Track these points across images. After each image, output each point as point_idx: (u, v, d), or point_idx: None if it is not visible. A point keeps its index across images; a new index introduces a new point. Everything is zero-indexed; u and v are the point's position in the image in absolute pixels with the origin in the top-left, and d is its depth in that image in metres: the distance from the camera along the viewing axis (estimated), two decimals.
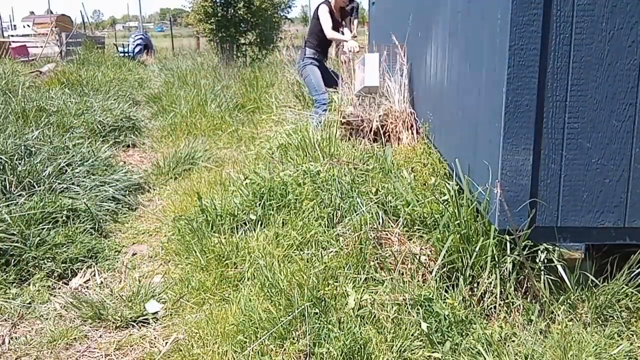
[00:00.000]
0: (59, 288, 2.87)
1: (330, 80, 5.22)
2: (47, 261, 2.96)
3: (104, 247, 3.28)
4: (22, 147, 4.11)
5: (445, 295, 2.25)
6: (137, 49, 16.25)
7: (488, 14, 2.29)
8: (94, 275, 3.00)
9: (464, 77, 2.73)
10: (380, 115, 4.12)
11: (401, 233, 2.63)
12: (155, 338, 2.40)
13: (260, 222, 3.08)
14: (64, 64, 10.40)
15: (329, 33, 5.12)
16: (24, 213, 3.21)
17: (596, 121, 2.12)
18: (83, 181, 3.91)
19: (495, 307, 2.22)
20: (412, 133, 3.93)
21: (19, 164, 3.81)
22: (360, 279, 2.38)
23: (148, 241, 3.49)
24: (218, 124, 6.35)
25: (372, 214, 2.73)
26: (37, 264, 2.94)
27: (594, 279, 2.22)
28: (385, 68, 4.40)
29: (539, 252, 2.29)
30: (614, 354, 1.96)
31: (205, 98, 7.24)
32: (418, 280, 2.36)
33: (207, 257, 2.87)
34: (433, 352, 2.03)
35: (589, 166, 2.16)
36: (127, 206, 3.98)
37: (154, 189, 4.48)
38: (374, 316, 2.17)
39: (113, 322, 2.51)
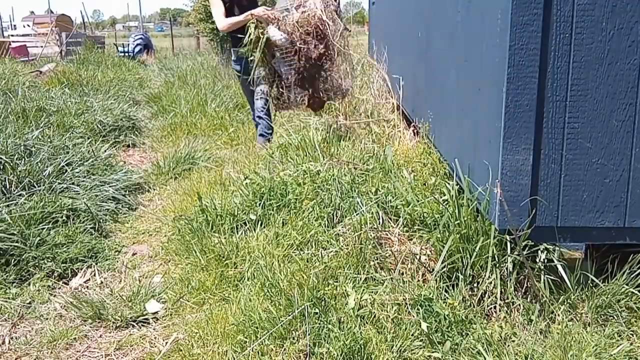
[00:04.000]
0: (59, 288, 2.87)
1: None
2: (47, 261, 2.96)
3: (104, 247, 3.28)
4: (22, 147, 4.11)
5: (445, 295, 2.25)
6: (137, 49, 16.27)
7: (488, 14, 2.29)
8: (94, 275, 3.00)
9: (464, 76, 2.73)
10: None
11: (401, 233, 2.63)
12: (155, 338, 2.40)
13: (260, 222, 3.08)
14: (64, 64, 10.40)
15: (221, 23, 4.04)
16: (24, 213, 3.21)
17: (596, 121, 2.12)
18: (83, 181, 3.91)
19: (495, 307, 2.22)
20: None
21: (19, 164, 3.81)
22: (360, 279, 2.37)
23: (148, 241, 3.48)
24: (218, 124, 6.35)
25: (372, 214, 2.73)
26: (37, 264, 2.94)
27: (594, 278, 2.22)
28: None
29: (539, 252, 2.29)
30: (614, 353, 1.96)
31: (205, 98, 7.23)
32: (418, 280, 2.36)
33: (207, 257, 2.87)
34: (433, 352, 2.03)
35: (589, 166, 2.16)
36: (127, 206, 3.98)
37: (154, 189, 4.47)
38: (374, 316, 2.17)
39: (113, 322, 2.51)
